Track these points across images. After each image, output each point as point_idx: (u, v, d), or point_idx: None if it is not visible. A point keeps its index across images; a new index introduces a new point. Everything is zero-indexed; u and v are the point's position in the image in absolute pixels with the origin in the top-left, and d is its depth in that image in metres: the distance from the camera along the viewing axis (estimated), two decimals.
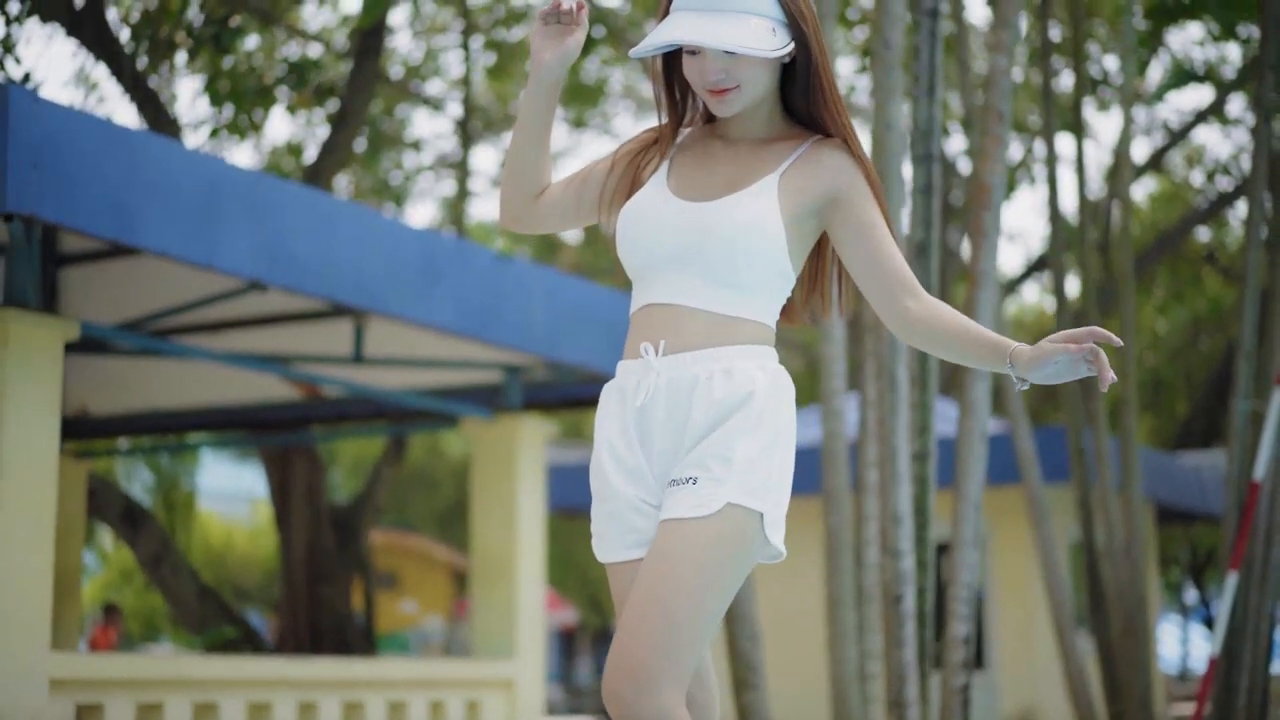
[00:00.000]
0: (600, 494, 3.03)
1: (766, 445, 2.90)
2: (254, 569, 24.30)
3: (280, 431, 10.91)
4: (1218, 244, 19.10)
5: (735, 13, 2.89)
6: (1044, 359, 2.79)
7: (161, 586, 11.02)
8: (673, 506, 2.87)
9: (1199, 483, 15.15)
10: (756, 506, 2.86)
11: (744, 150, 3.05)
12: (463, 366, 8.47)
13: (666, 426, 2.94)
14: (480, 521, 8.53)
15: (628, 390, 2.99)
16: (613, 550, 3.01)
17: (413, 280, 7.14)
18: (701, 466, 2.87)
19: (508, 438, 8.46)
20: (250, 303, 7.70)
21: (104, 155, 5.76)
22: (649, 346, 2.96)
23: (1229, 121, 16.60)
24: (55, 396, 5.96)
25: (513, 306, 7.73)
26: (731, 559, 2.85)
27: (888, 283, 2.96)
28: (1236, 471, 7.91)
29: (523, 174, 3.18)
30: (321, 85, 12.41)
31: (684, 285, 2.96)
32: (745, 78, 2.92)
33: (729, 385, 2.90)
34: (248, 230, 6.32)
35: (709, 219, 2.94)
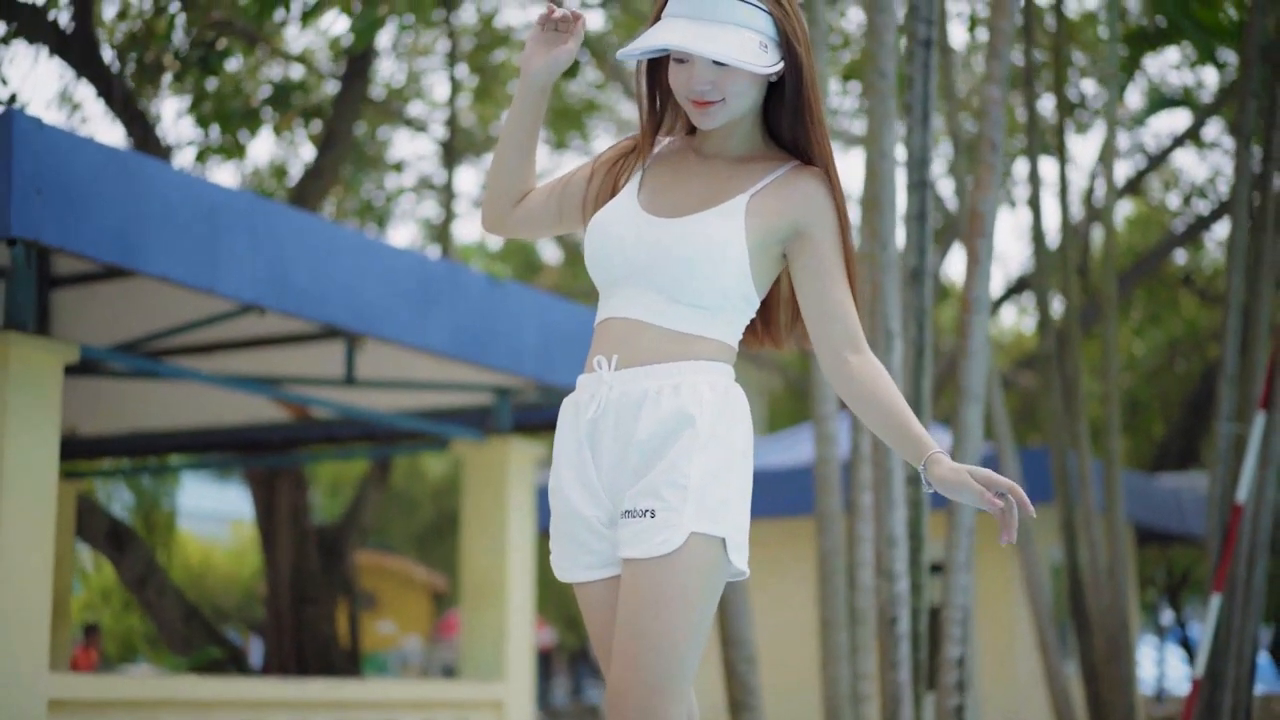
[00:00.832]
0: (558, 512, 3.03)
1: (720, 466, 2.88)
2: (233, 589, 24.27)
3: (268, 453, 10.94)
4: (1194, 266, 19.25)
5: (729, 24, 2.86)
6: (958, 486, 2.80)
7: (147, 608, 11.02)
8: (634, 543, 2.87)
9: (1177, 504, 15.27)
10: (718, 532, 2.85)
11: (719, 167, 3.02)
12: (453, 389, 8.53)
13: (614, 440, 2.93)
14: (470, 543, 8.57)
15: (581, 404, 2.99)
16: (571, 571, 3.03)
17: (407, 304, 7.20)
18: (656, 496, 2.85)
19: (498, 460, 8.51)
20: (242, 325, 7.75)
21: (106, 180, 5.80)
22: (602, 360, 2.95)
23: (1205, 145, 16.76)
24: (54, 419, 6.00)
25: (505, 330, 7.80)
26: (704, 588, 2.86)
27: (832, 330, 2.94)
28: (1219, 494, 7.99)
29: (506, 179, 3.18)
30: (307, 107, 12.48)
31: (644, 300, 2.95)
32: (731, 92, 2.90)
33: (676, 401, 2.88)
34: (248, 255, 6.37)
35: (673, 236, 2.93)
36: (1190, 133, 15.87)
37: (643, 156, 3.11)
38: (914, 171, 5.39)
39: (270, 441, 10.64)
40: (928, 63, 5.33)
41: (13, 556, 5.78)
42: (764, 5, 2.88)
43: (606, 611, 3.00)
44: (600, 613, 3.01)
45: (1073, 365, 9.50)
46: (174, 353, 8.42)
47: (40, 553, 5.89)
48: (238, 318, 7.15)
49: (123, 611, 19.42)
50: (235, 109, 11.47)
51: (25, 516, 5.83)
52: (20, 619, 5.78)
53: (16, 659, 5.72)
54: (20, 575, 5.80)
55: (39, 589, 5.87)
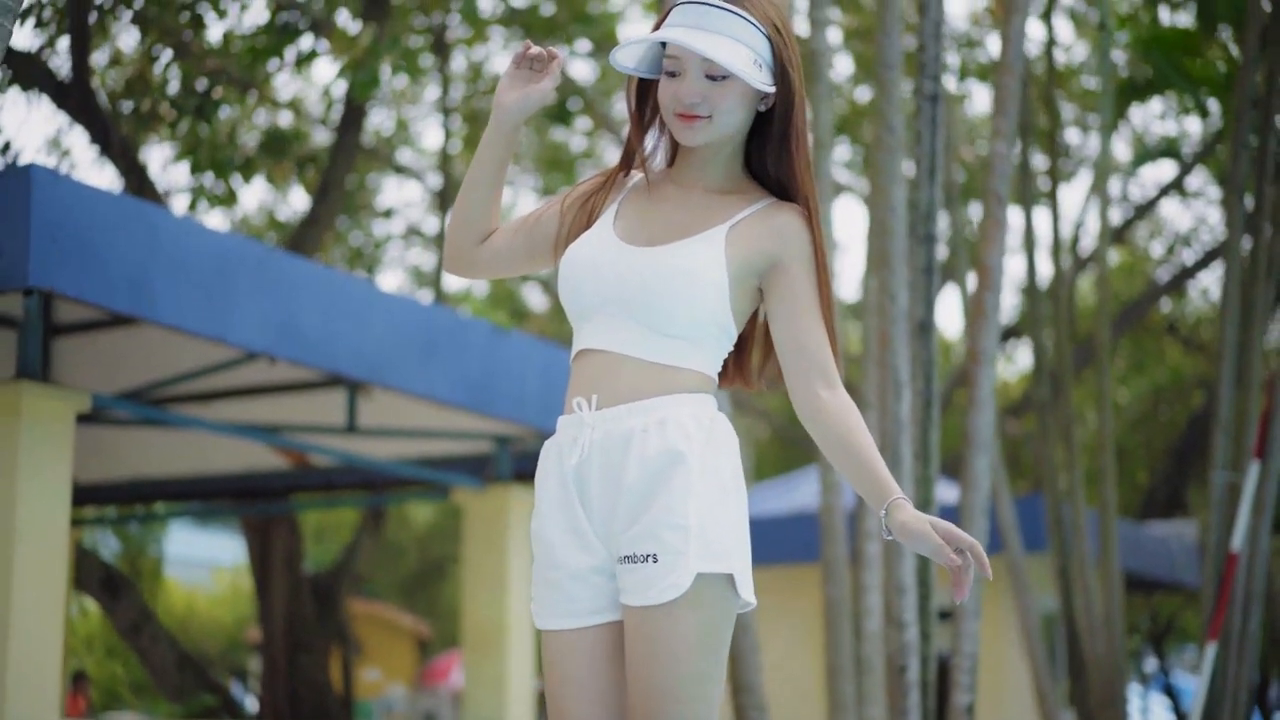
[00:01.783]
0: (541, 560, 2.96)
1: (716, 501, 2.83)
2: (217, 636, 24.18)
3: (264, 500, 10.96)
4: (1178, 315, 19.38)
5: (728, 37, 2.84)
6: (919, 536, 2.76)
7: (140, 655, 11.03)
8: (640, 590, 2.81)
9: (1165, 552, 15.33)
10: (724, 569, 2.81)
11: (697, 198, 2.98)
12: (453, 437, 8.56)
13: (603, 484, 2.86)
14: (470, 591, 8.60)
15: (565, 447, 2.92)
16: (548, 619, 2.94)
17: (413, 353, 7.25)
18: (656, 540, 2.80)
19: (498, 508, 8.55)
20: (243, 374, 7.78)
21: (120, 230, 5.86)
22: (582, 401, 2.89)
23: (1188, 195, 16.92)
24: (66, 467, 6.04)
25: (507, 378, 7.85)
26: (717, 627, 2.82)
27: (805, 365, 2.90)
28: (1214, 542, 8.06)
29: (471, 217, 3.12)
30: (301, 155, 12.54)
31: (621, 332, 2.89)
32: (720, 108, 2.87)
33: (663, 440, 2.83)
34: (257, 304, 6.43)
35: (651, 265, 2.88)
36: (1175, 182, 16.03)
37: (619, 188, 3.07)
38: (920, 225, 5.46)
39: (268, 489, 10.66)
40: (934, 118, 5.41)
41: (25, 605, 5.80)
42: (763, 27, 2.87)
43: (576, 661, 2.91)
44: (569, 662, 2.91)
45: (1066, 413, 9.58)
46: (174, 400, 8.46)
47: (52, 602, 5.92)
48: (239, 366, 7.19)
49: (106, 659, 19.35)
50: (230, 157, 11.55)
51: (37, 565, 5.86)
52: (32, 667, 5.80)
53: (30, 703, 5.74)
54: (33, 624, 5.82)
55: (51, 638, 5.90)
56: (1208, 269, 16.58)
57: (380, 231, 18.49)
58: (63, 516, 6.03)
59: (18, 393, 5.88)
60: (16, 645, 5.76)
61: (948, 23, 6.27)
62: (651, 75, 2.99)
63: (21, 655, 5.77)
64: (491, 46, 14.82)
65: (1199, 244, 17.60)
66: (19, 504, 5.80)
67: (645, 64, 2.99)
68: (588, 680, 2.91)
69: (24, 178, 5.54)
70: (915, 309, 5.48)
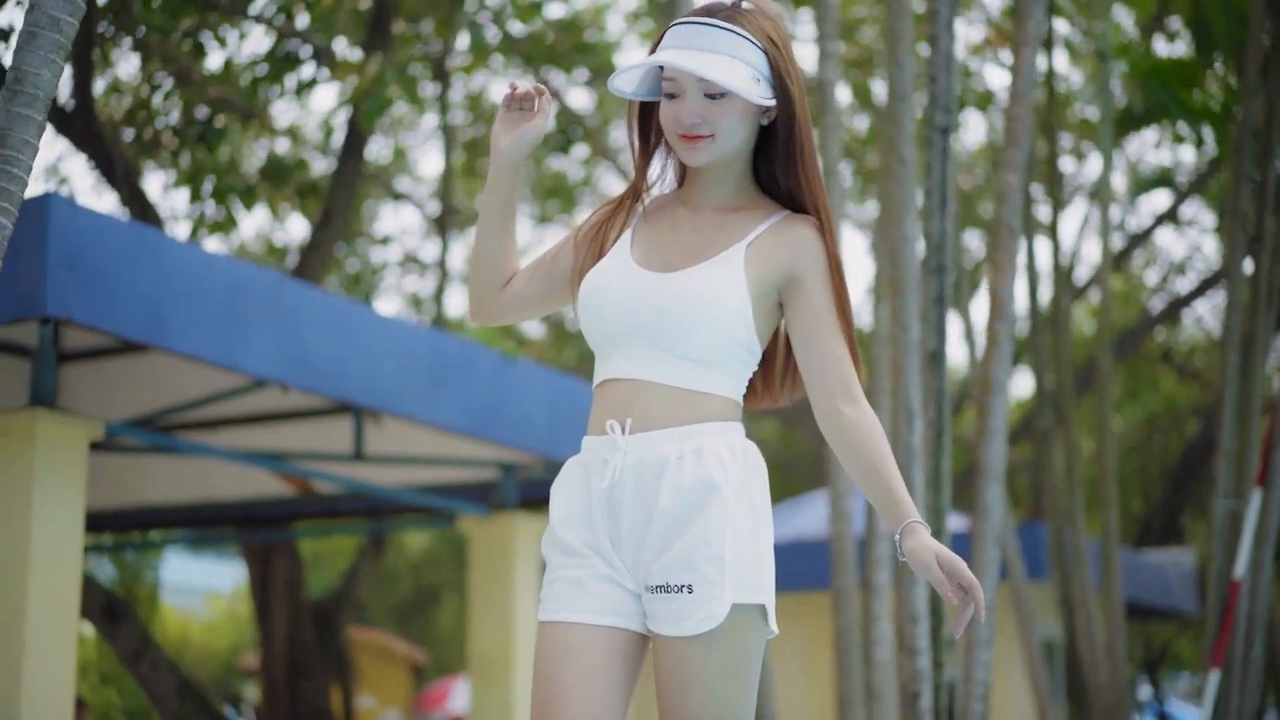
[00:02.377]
0: (557, 562, 2.94)
1: (749, 532, 2.84)
2: (211, 664, 24.13)
3: (268, 528, 10.97)
4: (1172, 343, 19.46)
5: (723, 54, 2.84)
6: (924, 566, 2.79)
7: (141, 682, 11.00)
8: (675, 621, 2.82)
9: (1163, 580, 15.37)
10: (758, 600, 2.84)
11: (710, 218, 2.98)
12: (460, 464, 8.59)
13: (634, 508, 2.86)
14: (476, 619, 8.61)
15: (593, 468, 2.91)
16: (562, 611, 2.89)
17: (423, 381, 7.28)
18: (693, 570, 2.80)
19: (504, 535, 8.57)
20: (249, 401, 7.80)
21: (136, 260, 5.89)
22: (614, 424, 2.88)
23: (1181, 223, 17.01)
24: (80, 494, 6.05)
25: (514, 406, 7.88)
26: (750, 657, 2.85)
27: (825, 379, 2.90)
28: (1217, 570, 8.10)
29: (489, 265, 3.12)
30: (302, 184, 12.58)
31: (646, 359, 2.88)
32: (722, 126, 2.88)
33: (699, 469, 2.82)
34: (271, 333, 6.46)
35: (672, 290, 2.87)
36: (1170, 211, 16.12)
37: (630, 214, 3.07)
38: (933, 256, 5.51)
39: (270, 517, 10.67)
40: (945, 149, 5.46)
41: (39, 632, 5.81)
42: (758, 42, 2.87)
43: (587, 652, 2.87)
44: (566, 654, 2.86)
45: (1068, 441, 9.62)
46: (180, 428, 8.47)
47: (65, 628, 5.93)
48: (246, 394, 7.21)
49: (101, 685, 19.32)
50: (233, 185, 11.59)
51: (51, 592, 5.87)
52: (46, 693, 5.80)
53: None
54: (46, 650, 5.83)
55: (64, 664, 5.91)
56: (1204, 297, 16.65)
57: (377, 258, 18.53)
58: (76, 543, 6.04)
59: (32, 420, 5.90)
60: (30, 671, 5.77)
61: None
62: (652, 98, 3.00)
63: (35, 681, 5.78)
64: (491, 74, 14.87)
65: (1194, 272, 17.69)
66: (33, 531, 5.82)
67: (645, 88, 3.00)
68: (590, 669, 2.86)
69: (42, 207, 5.57)
70: (927, 339, 5.53)
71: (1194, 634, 19.34)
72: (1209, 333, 18.94)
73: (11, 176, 2.57)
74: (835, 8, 6.53)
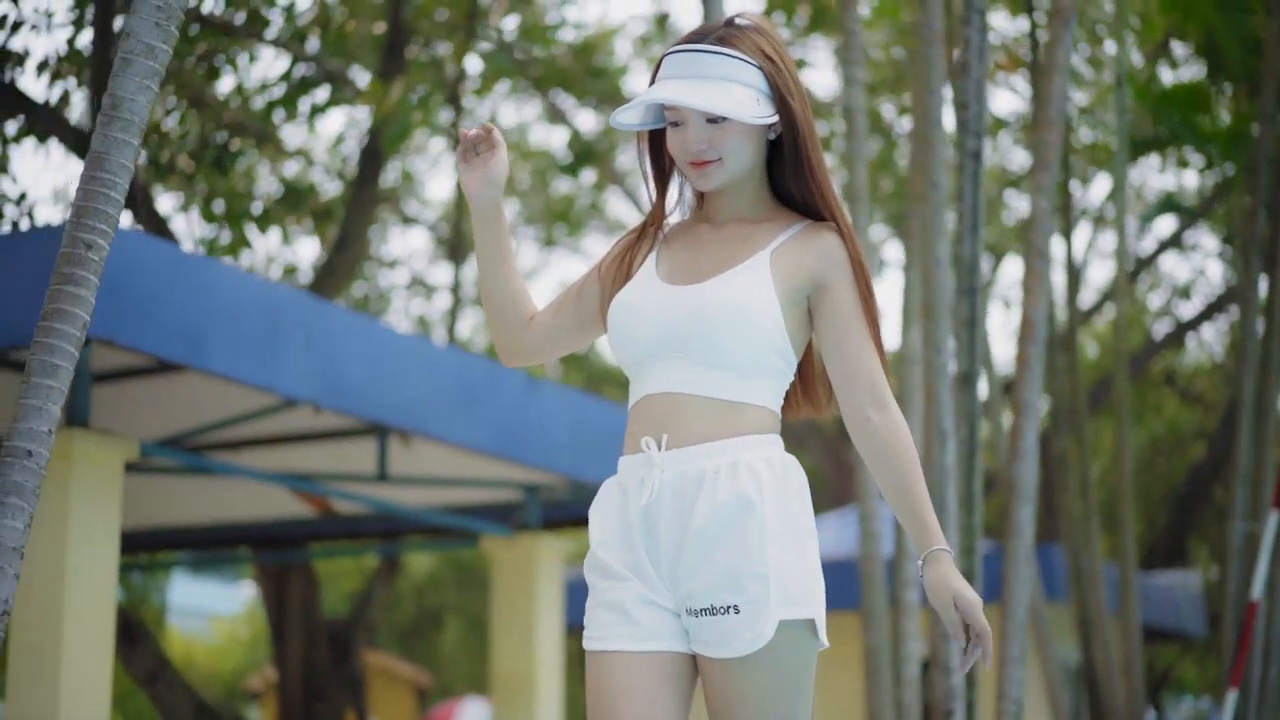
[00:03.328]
0: (600, 586, 2.91)
1: (793, 546, 2.82)
2: (215, 686, 24.13)
3: (284, 549, 11.01)
4: (1175, 366, 19.53)
5: (719, 80, 2.85)
6: (940, 602, 2.81)
7: (156, 702, 11.03)
8: (723, 643, 2.80)
9: (1171, 601, 15.42)
10: (806, 615, 2.82)
11: (733, 231, 2.98)
12: (483, 485, 8.64)
13: (671, 527, 2.84)
14: (500, 640, 8.66)
15: (630, 488, 2.89)
16: (604, 640, 2.88)
17: (451, 402, 7.35)
18: (738, 589, 2.78)
19: (527, 556, 8.62)
20: (274, 422, 7.86)
21: (175, 281, 5.96)
22: (650, 441, 2.87)
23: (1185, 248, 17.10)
24: (116, 515, 6.11)
25: (540, 427, 7.94)
26: (801, 672, 2.84)
27: (853, 384, 2.90)
28: (1234, 591, 8.18)
29: (503, 306, 3.13)
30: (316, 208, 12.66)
31: (681, 372, 2.87)
32: (728, 149, 2.89)
33: (734, 485, 2.81)
34: (306, 355, 6.52)
35: (700, 300, 2.87)
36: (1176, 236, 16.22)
37: (653, 239, 3.07)
38: (964, 279, 5.58)
39: (288, 537, 10.71)
40: (976, 174, 5.54)
41: (76, 651, 5.86)
42: (753, 60, 2.88)
43: (639, 681, 2.84)
44: (630, 682, 2.84)
45: (1084, 463, 9.66)
46: (205, 449, 8.52)
47: (101, 647, 5.98)
48: (271, 414, 7.26)
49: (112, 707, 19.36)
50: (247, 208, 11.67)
51: (88, 610, 5.92)
52: (83, 710, 5.85)
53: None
54: (83, 670, 5.88)
55: (101, 683, 5.96)
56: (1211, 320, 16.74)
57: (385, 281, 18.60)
58: (112, 563, 6.10)
59: (69, 440, 5.95)
60: (67, 690, 5.82)
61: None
62: (659, 126, 3.02)
63: (72, 701, 5.83)
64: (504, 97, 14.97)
65: (1198, 296, 17.78)
66: (69, 551, 5.86)
67: (650, 116, 3.01)
68: (650, 700, 2.84)
69: None
70: (961, 361, 5.60)
71: (1198, 656, 19.38)
72: (1213, 356, 19.03)
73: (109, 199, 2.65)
74: (859, 34, 6.59)
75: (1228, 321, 16.91)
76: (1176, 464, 19.99)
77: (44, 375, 2.67)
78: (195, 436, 7.92)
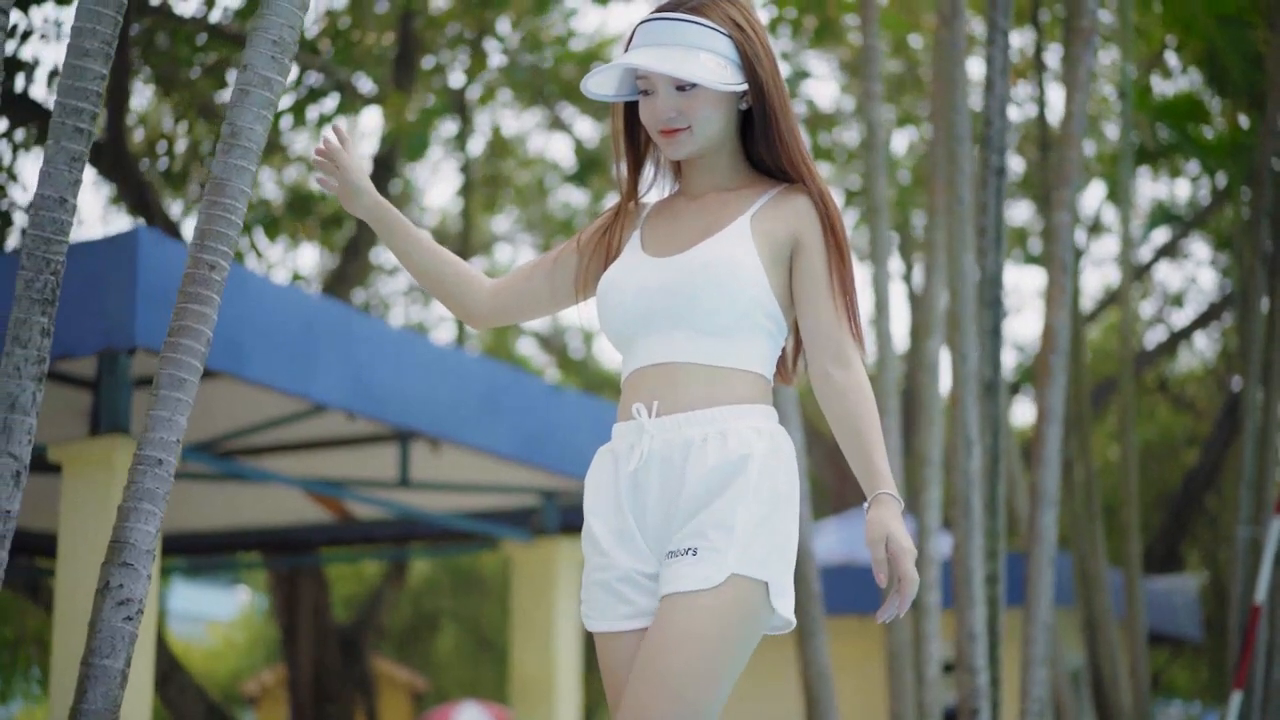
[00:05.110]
0: (593, 562, 2.95)
1: (767, 512, 2.83)
2: (212, 690, 24.22)
3: (297, 553, 11.13)
4: (1168, 373, 19.70)
5: (688, 47, 2.89)
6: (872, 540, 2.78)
7: (169, 705, 11.16)
8: (674, 580, 2.80)
9: (1168, 606, 15.57)
10: (761, 576, 2.80)
11: (711, 201, 3.01)
12: (503, 491, 8.78)
13: (660, 493, 2.87)
14: (519, 643, 8.79)
15: (620, 454, 2.92)
16: (601, 619, 2.93)
17: (477, 409, 7.49)
18: (700, 536, 2.79)
19: (545, 560, 8.76)
20: (299, 428, 7.98)
21: None
22: (641, 407, 2.89)
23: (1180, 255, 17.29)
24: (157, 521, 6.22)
25: (561, 433, 8.08)
26: (738, 632, 2.79)
27: (818, 342, 2.92)
28: (1238, 595, 8.33)
29: (440, 279, 3.16)
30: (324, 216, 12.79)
31: (670, 341, 2.90)
32: (697, 118, 2.92)
33: (723, 452, 2.83)
34: (339, 363, 6.66)
35: (685, 266, 2.90)
36: (1171, 245, 16.40)
37: (634, 216, 3.11)
38: (988, 290, 5.74)
39: (302, 542, 10.82)
40: (1000, 189, 5.70)
41: None
42: (723, 29, 2.91)
43: (630, 661, 2.89)
44: (622, 660, 2.91)
45: (1088, 468, 9.81)
46: (232, 454, 8.65)
47: (143, 655, 6.09)
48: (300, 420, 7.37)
49: None
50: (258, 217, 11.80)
51: None
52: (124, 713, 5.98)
53: None
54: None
55: (142, 690, 6.07)
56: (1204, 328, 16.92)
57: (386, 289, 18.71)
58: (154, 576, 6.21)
59: (111, 448, 6.06)
60: None
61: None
62: (633, 98, 3.05)
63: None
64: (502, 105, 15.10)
65: (1191, 304, 17.97)
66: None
67: (626, 88, 3.04)
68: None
69: (131, 242, 5.77)
70: (983, 369, 5.75)
71: (1189, 660, 19.54)
72: (1205, 362, 19.21)
73: (229, 223, 2.79)
74: (879, 50, 6.75)
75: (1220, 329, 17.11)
76: (1169, 469, 20.16)
77: (172, 388, 2.82)
78: (224, 442, 8.05)
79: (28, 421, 2.59)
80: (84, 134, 2.69)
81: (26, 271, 2.65)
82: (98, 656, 2.71)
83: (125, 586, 2.77)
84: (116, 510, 2.82)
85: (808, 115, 13.90)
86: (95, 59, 2.66)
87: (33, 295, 2.63)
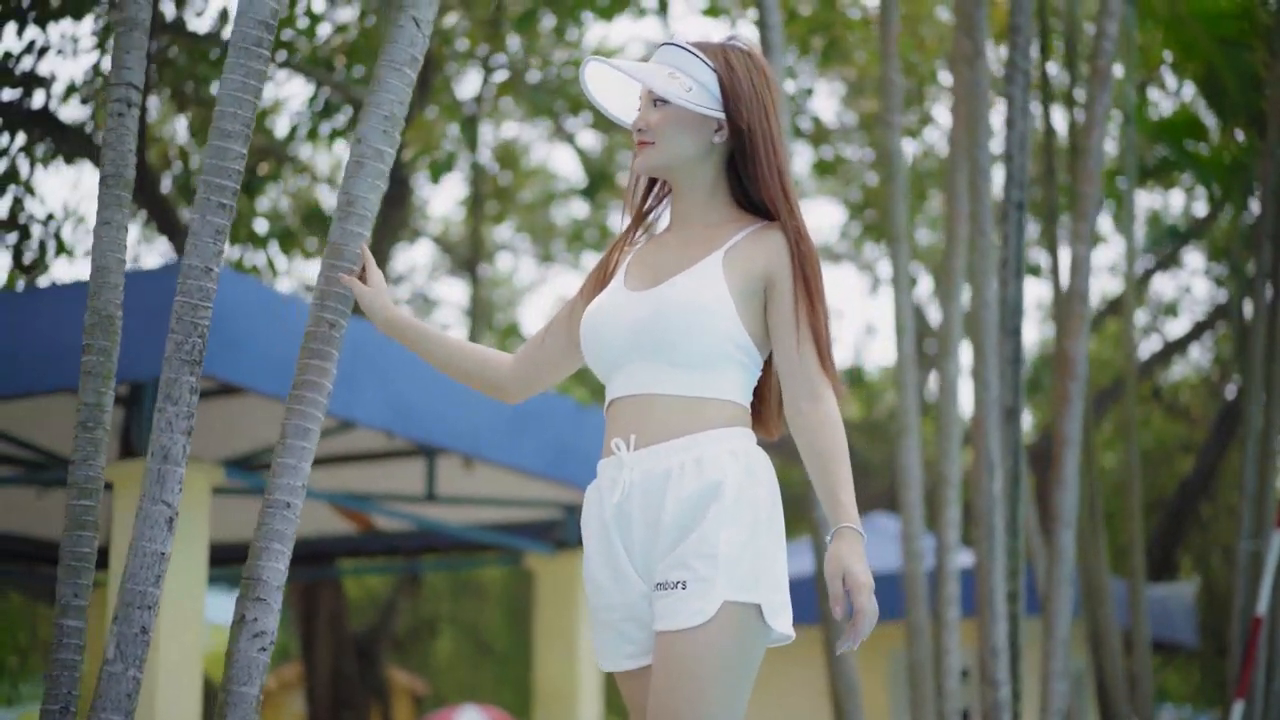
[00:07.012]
0: (595, 604, 3.01)
1: (749, 534, 2.86)
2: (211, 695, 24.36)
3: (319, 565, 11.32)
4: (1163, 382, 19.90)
5: (668, 66, 2.99)
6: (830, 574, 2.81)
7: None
8: (667, 616, 2.84)
9: (1165, 613, 15.73)
10: (753, 599, 2.84)
11: (693, 234, 3.05)
12: (527, 505, 8.97)
13: (643, 523, 2.90)
14: (542, 653, 8.99)
15: (605, 490, 2.97)
16: (612, 660, 3.00)
17: (509, 427, 7.72)
18: (686, 568, 2.83)
19: (568, 572, 8.97)
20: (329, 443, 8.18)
21: (266, 318, 6.32)
22: (620, 442, 2.94)
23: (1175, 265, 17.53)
24: (205, 540, 6.45)
25: (585, 449, 8.29)
26: (739, 659, 2.84)
27: (791, 379, 2.95)
28: (1240, 606, 8.56)
29: (466, 370, 3.27)
30: None
31: (646, 373, 2.94)
32: (662, 133, 2.99)
33: (699, 478, 2.87)
34: (379, 385, 6.88)
35: (655, 301, 2.95)
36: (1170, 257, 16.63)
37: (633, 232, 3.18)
38: (1008, 320, 5.98)
39: (324, 554, 11.01)
40: (1020, 221, 5.94)
41: (168, 673, 6.18)
42: (710, 62, 2.99)
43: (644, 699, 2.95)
44: (640, 700, 2.96)
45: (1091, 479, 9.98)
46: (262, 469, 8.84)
47: (191, 668, 6.31)
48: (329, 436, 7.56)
49: None
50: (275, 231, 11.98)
51: (179, 634, 6.26)
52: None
53: None
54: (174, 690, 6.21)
55: (191, 703, 6.29)
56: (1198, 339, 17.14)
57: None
58: (201, 586, 6.44)
59: None
60: (161, 711, 6.14)
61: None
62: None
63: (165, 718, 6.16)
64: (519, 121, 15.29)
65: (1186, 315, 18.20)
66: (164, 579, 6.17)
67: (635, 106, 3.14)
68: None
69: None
70: (1004, 396, 6.00)
71: (1180, 666, 19.73)
72: (1199, 371, 19.41)
73: None
74: (899, 84, 6.98)
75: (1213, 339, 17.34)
76: (1164, 477, 20.34)
77: (297, 437, 3.04)
78: (257, 459, 8.27)
79: (178, 472, 2.82)
80: (226, 209, 2.92)
81: (176, 335, 2.88)
82: (235, 684, 2.94)
83: (259, 620, 2.99)
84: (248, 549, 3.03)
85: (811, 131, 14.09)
86: (236, 140, 2.90)
87: (182, 356, 2.86)
